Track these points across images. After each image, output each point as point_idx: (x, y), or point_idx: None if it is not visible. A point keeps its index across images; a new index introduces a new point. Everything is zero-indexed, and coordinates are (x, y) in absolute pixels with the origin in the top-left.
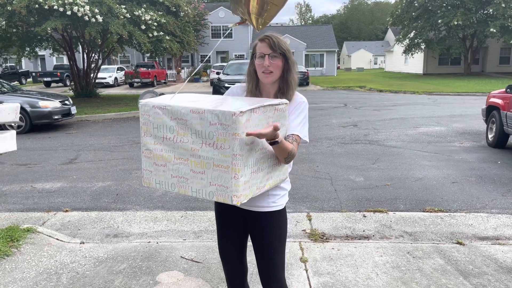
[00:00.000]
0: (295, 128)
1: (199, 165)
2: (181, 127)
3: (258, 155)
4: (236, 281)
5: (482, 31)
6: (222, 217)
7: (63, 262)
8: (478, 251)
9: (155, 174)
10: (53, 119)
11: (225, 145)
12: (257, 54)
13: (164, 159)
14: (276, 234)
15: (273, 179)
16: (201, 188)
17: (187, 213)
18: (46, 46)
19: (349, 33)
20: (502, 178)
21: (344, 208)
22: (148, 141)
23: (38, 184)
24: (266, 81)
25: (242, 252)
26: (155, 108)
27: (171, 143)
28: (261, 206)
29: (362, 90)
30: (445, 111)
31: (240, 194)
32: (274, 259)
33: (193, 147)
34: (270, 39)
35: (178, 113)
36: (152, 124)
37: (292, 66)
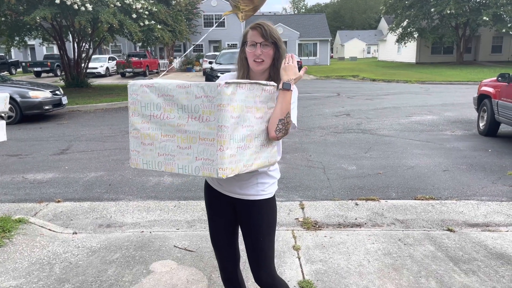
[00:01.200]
0: None
1: (185, 140)
2: (168, 103)
3: (245, 131)
4: (228, 268)
5: (474, 20)
6: (212, 205)
7: (55, 253)
8: (468, 237)
9: (142, 154)
10: (44, 110)
11: (210, 117)
12: (248, 42)
13: (151, 138)
14: (265, 222)
15: (261, 160)
16: (187, 164)
17: (180, 202)
18: (36, 36)
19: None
20: (493, 166)
21: (336, 197)
22: (136, 121)
23: (30, 175)
24: (257, 70)
25: (233, 239)
26: (142, 86)
27: (158, 121)
28: (250, 194)
29: (355, 79)
30: (437, 100)
31: (226, 167)
32: (263, 247)
33: (179, 123)
34: (261, 28)
35: (165, 89)
36: (139, 103)
37: (283, 55)
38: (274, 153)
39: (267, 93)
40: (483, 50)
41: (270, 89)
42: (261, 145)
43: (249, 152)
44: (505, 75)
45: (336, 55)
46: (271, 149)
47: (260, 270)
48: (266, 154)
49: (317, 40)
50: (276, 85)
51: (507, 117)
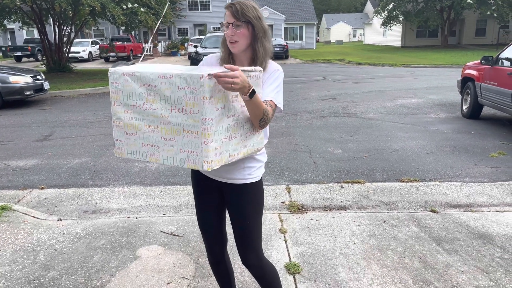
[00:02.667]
0: (269, 94)
1: (169, 131)
2: (150, 93)
3: (230, 121)
4: (215, 250)
5: (459, 3)
6: (199, 188)
7: (40, 240)
8: (451, 218)
9: (126, 144)
10: (25, 95)
11: (194, 109)
12: (224, 22)
13: (134, 128)
14: (253, 206)
15: (247, 148)
16: (172, 155)
17: (166, 188)
18: (15, 19)
19: (328, 5)
20: (475, 148)
21: (322, 180)
22: (118, 110)
23: (12, 162)
24: (233, 51)
25: (220, 222)
26: (124, 75)
27: (141, 111)
28: (237, 178)
29: (341, 63)
30: (422, 83)
31: (211, 160)
32: (251, 230)
33: (162, 114)
34: (234, 7)
35: (146, 79)
36: (121, 92)
37: (259, 34)
38: (261, 139)
39: (253, 79)
40: (467, 33)
41: (255, 74)
42: (247, 133)
43: (235, 142)
44: (488, 58)
45: (322, 38)
46: (257, 135)
47: (247, 253)
48: (253, 141)
49: (303, 24)
50: (262, 70)
51: (490, 99)
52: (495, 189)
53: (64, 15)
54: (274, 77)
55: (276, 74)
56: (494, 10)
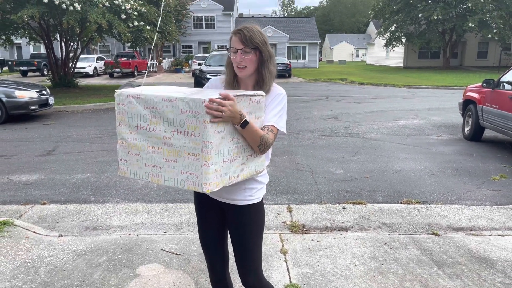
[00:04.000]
0: (271, 119)
1: (171, 153)
2: (154, 115)
3: (231, 145)
4: (217, 268)
5: (461, 26)
6: (201, 206)
7: (40, 256)
8: (453, 241)
9: (129, 164)
10: (30, 110)
11: (195, 132)
12: (231, 49)
13: (138, 148)
14: (253, 227)
15: (248, 170)
16: (173, 176)
17: (168, 205)
18: (23, 34)
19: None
20: (477, 171)
21: (324, 200)
22: (123, 131)
23: (15, 176)
24: (240, 76)
25: (222, 241)
26: (129, 97)
27: (145, 132)
28: (237, 199)
29: (344, 82)
30: (424, 104)
31: (211, 182)
32: (251, 251)
33: (165, 136)
34: (242, 33)
35: (151, 101)
36: (126, 113)
37: (267, 59)
38: (262, 161)
39: (255, 103)
40: (469, 55)
41: (257, 99)
42: (248, 155)
43: (235, 164)
44: (490, 81)
45: (325, 58)
46: (258, 158)
47: (247, 274)
48: (254, 163)
49: (306, 43)
50: (264, 94)
51: (492, 122)
52: (496, 212)
53: (71, 31)
54: (278, 100)
55: (279, 98)
56: (496, 33)
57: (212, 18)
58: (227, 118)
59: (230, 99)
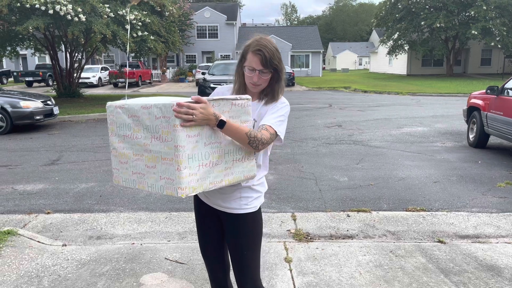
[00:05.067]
0: (269, 120)
1: (151, 159)
2: (136, 123)
3: (209, 149)
4: (218, 277)
5: (464, 33)
6: (200, 216)
7: (44, 265)
8: (459, 249)
9: (121, 172)
10: (35, 120)
11: (168, 137)
12: (247, 66)
13: (126, 157)
14: (249, 236)
15: (234, 175)
16: (154, 182)
17: (172, 214)
18: (28, 46)
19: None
20: (482, 178)
21: (328, 208)
22: (114, 140)
23: (19, 186)
24: (253, 91)
25: (221, 250)
26: (116, 107)
27: (130, 140)
28: (233, 208)
29: (347, 90)
30: (428, 112)
31: (185, 186)
32: (248, 260)
33: (145, 142)
34: (262, 54)
35: (132, 110)
36: (115, 124)
37: (281, 76)
38: (252, 167)
39: (238, 107)
40: (472, 62)
41: (241, 102)
42: (233, 160)
43: (217, 169)
44: (494, 87)
45: (328, 66)
46: (247, 163)
47: (244, 283)
48: (241, 168)
49: (309, 52)
50: (250, 98)
51: (496, 129)
52: (503, 220)
53: (76, 42)
54: (278, 107)
55: (281, 106)
56: (499, 41)
57: (215, 28)
58: (201, 121)
59: (202, 102)
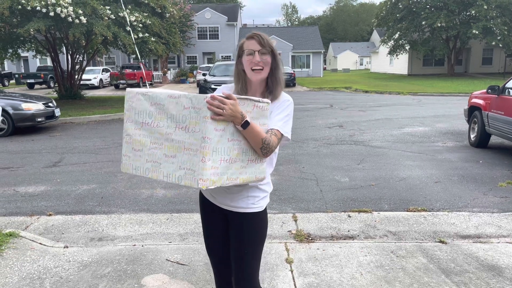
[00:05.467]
0: (276, 123)
1: (171, 149)
2: (159, 112)
3: (231, 145)
4: (223, 275)
5: (465, 33)
6: (206, 215)
7: (46, 267)
8: (460, 249)
9: (132, 159)
10: (37, 122)
11: (196, 128)
12: (245, 51)
13: (141, 144)
14: (253, 235)
15: (247, 175)
16: (171, 172)
17: (173, 215)
18: (29, 48)
19: (335, 34)
20: (484, 177)
21: (329, 209)
22: (129, 127)
23: (21, 188)
24: (256, 78)
25: (226, 248)
26: (138, 94)
27: (149, 128)
28: (240, 207)
29: (348, 91)
30: (429, 112)
31: (207, 178)
32: (248, 259)
33: (167, 131)
34: (259, 36)
35: (157, 98)
36: (134, 110)
37: (279, 65)
38: (263, 169)
39: (259, 109)
40: (473, 62)
41: (262, 105)
42: (248, 160)
43: (234, 166)
44: (495, 87)
45: (329, 66)
46: (259, 165)
47: (242, 282)
48: (254, 169)
49: (310, 52)
50: (269, 102)
51: (497, 128)
52: (504, 219)
53: (77, 44)
54: (284, 106)
55: (286, 104)
56: (500, 40)
57: (216, 29)
58: (228, 117)
59: (232, 99)
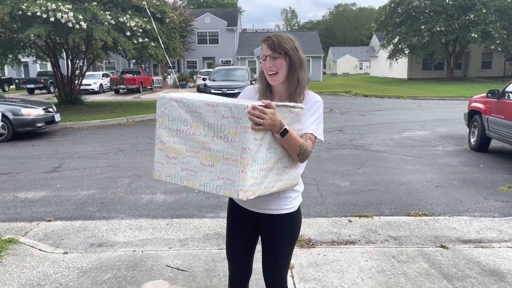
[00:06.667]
0: (309, 127)
1: (209, 158)
2: (195, 119)
3: (269, 154)
4: (239, 283)
5: (464, 37)
6: (234, 219)
7: (45, 273)
8: (461, 254)
9: (166, 167)
10: (37, 127)
11: (235, 138)
12: (261, 57)
13: (176, 152)
14: (287, 237)
15: (282, 182)
16: (209, 181)
17: (173, 221)
18: (29, 53)
19: (335, 38)
20: (484, 182)
21: (330, 214)
22: (162, 134)
23: (21, 194)
24: (273, 83)
25: (249, 255)
26: (171, 100)
27: (184, 136)
28: (273, 208)
29: (348, 95)
30: (429, 116)
31: (247, 189)
32: (280, 259)
33: (204, 140)
34: (269, 40)
35: (193, 105)
36: (167, 117)
37: (297, 65)
38: (297, 175)
39: (294, 115)
40: (473, 66)
41: (297, 111)
42: (284, 167)
43: (271, 174)
44: (495, 91)
45: (329, 71)
46: (294, 171)
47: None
48: (289, 176)
49: (310, 57)
50: (304, 107)
51: (498, 132)
52: (505, 224)
53: (77, 49)
54: (315, 108)
55: (316, 106)
56: (499, 44)
57: (216, 34)
58: (268, 126)
59: (272, 108)
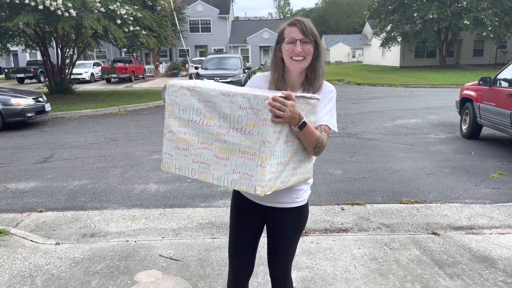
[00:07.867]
0: (323, 118)
1: (223, 150)
2: (209, 110)
3: (286, 147)
4: (241, 280)
5: (456, 24)
6: (240, 213)
7: (37, 264)
8: (453, 241)
9: (175, 159)
10: (26, 117)
11: (254, 130)
12: (286, 39)
13: (187, 143)
14: (296, 229)
15: (297, 176)
16: (223, 175)
17: (166, 210)
18: (18, 42)
19: (328, 26)
20: (476, 169)
21: (323, 202)
22: (172, 123)
23: (11, 184)
24: (297, 68)
25: (253, 251)
26: (183, 89)
27: (196, 126)
28: (284, 202)
29: (341, 83)
30: (421, 103)
31: (265, 184)
32: (288, 251)
33: (219, 132)
34: (302, 24)
35: (207, 95)
36: (178, 106)
37: (322, 53)
38: (310, 169)
39: (310, 106)
40: (465, 53)
41: (313, 102)
42: (299, 160)
43: (287, 168)
44: (486, 78)
45: None
46: (308, 164)
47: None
48: (303, 169)
49: None
50: (319, 98)
51: (489, 120)
52: (496, 210)
53: (67, 37)
54: (328, 98)
55: (330, 95)
56: (491, 30)
57: (208, 22)
58: (287, 119)
59: (292, 99)
